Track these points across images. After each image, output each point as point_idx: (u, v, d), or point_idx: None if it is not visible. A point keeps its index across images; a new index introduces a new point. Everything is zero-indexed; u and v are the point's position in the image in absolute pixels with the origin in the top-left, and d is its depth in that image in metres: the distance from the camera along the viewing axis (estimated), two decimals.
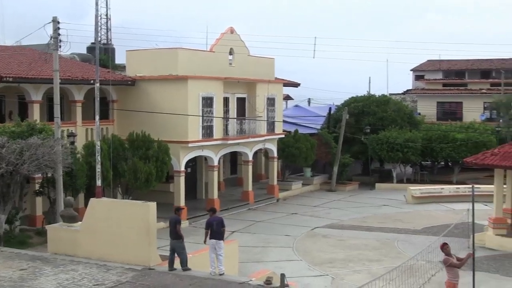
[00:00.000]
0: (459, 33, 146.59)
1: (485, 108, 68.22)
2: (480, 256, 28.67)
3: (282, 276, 12.62)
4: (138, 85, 38.85)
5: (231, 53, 42.00)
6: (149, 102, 38.14)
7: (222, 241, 21.42)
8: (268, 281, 19.93)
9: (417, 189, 47.64)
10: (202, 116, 38.50)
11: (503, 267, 28.15)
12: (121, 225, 22.58)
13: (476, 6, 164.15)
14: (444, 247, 19.65)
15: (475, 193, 22.38)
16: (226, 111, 41.68)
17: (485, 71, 75.39)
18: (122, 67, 43.93)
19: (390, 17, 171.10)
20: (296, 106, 69.42)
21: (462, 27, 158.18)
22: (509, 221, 33.27)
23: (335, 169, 52.38)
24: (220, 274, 21.05)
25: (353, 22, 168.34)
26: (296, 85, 55.45)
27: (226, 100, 41.51)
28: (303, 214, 41.66)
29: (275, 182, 47.48)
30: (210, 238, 21.25)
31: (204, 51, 40.87)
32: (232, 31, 42.39)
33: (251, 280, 20.66)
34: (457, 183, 52.14)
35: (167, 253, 23.45)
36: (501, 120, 59.49)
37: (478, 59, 77.18)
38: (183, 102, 37.51)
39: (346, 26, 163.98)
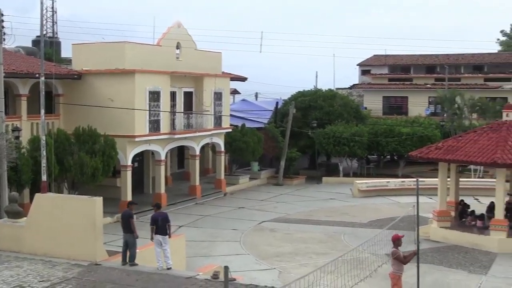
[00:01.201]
0: (405, 29, 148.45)
1: (429, 103, 69.18)
2: (425, 248, 29.18)
3: (226, 269, 12.66)
4: (85, 79, 38.46)
5: (178, 47, 41.85)
6: (96, 96, 37.79)
7: (167, 236, 21.43)
8: (215, 275, 20.00)
9: (363, 182, 48.12)
10: (149, 110, 38.32)
11: (446, 258, 28.68)
12: (67, 221, 22.38)
13: (421, 2, 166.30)
14: (398, 239, 19.86)
15: (420, 186, 22.75)
16: (173, 105, 41.51)
17: (430, 66, 76.47)
18: (68, 61, 43.43)
19: (336, 12, 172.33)
20: (243, 100, 69.44)
21: (407, 22, 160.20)
22: (452, 213, 33.91)
23: (282, 163, 52.61)
24: (168, 269, 21.04)
25: (300, 17, 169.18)
26: (243, 79, 55.52)
27: (173, 94, 41.34)
28: (250, 208, 41.77)
29: (222, 176, 47.51)
30: (156, 234, 21.26)
31: (151, 45, 40.65)
32: (179, 25, 42.22)
33: (198, 275, 20.70)
34: (403, 176, 52.79)
35: (115, 248, 23.34)
36: (445, 115, 60.44)
37: (423, 55, 78.33)
38: (130, 96, 37.25)
39: (293, 21, 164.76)
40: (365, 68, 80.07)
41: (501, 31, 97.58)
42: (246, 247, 31.02)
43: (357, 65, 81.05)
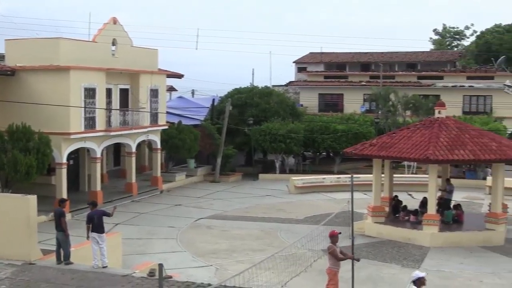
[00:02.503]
0: (341, 27, 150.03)
1: (364, 100, 70.03)
2: (360, 243, 29.58)
3: (160, 266, 12.70)
4: (19, 75, 37.83)
5: (114, 43, 41.47)
6: (30, 93, 37.18)
7: (103, 234, 21.35)
8: (152, 273, 19.99)
9: (299, 179, 48.42)
10: (85, 107, 37.92)
11: (381, 253, 29.16)
12: (0, 220, 22.06)
13: (357, 1, 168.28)
14: (334, 236, 20.06)
15: (355, 182, 23.10)
16: (109, 102, 41.19)
17: (365, 64, 77.52)
18: (1, 57, 42.71)
19: (272, 9, 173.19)
20: (180, 97, 69.22)
21: (343, 20, 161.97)
22: (387, 209, 34.44)
23: (219, 160, 52.67)
24: (103, 267, 20.95)
25: (237, 14, 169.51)
26: (179, 76, 55.31)
27: (109, 91, 41.01)
28: (187, 205, 41.73)
29: (159, 174, 47.32)
30: (92, 231, 21.14)
31: (86, 41, 40.21)
32: (115, 21, 41.86)
33: (134, 273, 20.67)
34: (338, 173, 53.36)
35: (49, 247, 23.07)
36: (379, 112, 61.26)
37: (358, 52, 79.34)
38: (64, 93, 36.81)
39: (230, 18, 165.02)
40: (301, 65, 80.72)
41: (434, 30, 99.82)
42: (183, 244, 30.99)
43: (293, 62, 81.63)
